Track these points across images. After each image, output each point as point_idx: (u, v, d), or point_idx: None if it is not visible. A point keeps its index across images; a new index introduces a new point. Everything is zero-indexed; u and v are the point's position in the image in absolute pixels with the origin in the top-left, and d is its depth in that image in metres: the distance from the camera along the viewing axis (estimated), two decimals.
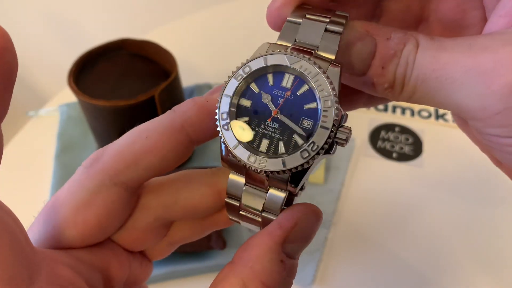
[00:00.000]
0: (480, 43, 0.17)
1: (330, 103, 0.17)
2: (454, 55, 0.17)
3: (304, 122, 0.17)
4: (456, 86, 0.17)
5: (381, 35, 0.18)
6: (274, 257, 0.17)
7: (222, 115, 0.18)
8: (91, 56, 0.56)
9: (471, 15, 0.21)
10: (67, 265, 0.17)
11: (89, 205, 0.18)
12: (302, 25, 0.19)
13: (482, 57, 0.16)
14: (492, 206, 0.52)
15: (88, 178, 0.19)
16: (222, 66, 0.74)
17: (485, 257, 0.48)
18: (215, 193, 0.21)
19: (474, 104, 0.16)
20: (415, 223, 0.51)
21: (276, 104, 0.18)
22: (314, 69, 0.17)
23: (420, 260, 0.48)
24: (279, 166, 0.17)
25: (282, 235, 0.17)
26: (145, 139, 0.19)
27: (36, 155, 0.61)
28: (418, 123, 0.63)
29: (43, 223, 0.19)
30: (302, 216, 0.18)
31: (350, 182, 0.56)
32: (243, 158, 0.18)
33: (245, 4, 0.87)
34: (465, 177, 0.55)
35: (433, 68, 0.17)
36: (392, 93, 0.19)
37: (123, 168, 0.19)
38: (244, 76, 0.18)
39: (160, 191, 0.21)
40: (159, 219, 0.21)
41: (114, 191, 0.19)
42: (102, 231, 0.19)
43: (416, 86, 0.18)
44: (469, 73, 0.16)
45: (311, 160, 0.17)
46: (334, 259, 0.48)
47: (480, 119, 0.17)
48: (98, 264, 0.19)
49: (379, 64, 0.18)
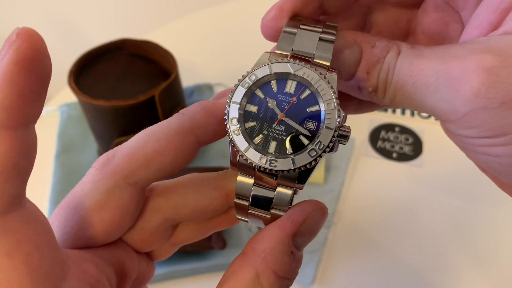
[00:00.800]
0: (452, 51, 0.18)
1: (333, 105, 0.19)
2: (429, 62, 0.18)
3: (308, 124, 0.19)
4: (430, 91, 0.18)
5: (367, 43, 0.20)
6: (286, 249, 0.18)
7: (232, 121, 0.20)
8: (91, 56, 0.56)
9: (453, 28, 0.23)
10: (91, 262, 0.18)
11: (105, 206, 0.19)
12: (298, 35, 0.20)
13: (452, 64, 0.18)
14: (492, 206, 0.52)
15: (102, 179, 0.19)
16: (222, 66, 0.74)
17: (485, 256, 0.48)
18: (222, 196, 0.22)
19: (446, 107, 0.18)
20: (415, 223, 0.51)
21: (281, 108, 0.19)
22: (316, 75, 0.19)
23: (420, 260, 0.48)
24: (289, 166, 0.19)
25: (293, 229, 0.19)
26: (156, 141, 0.20)
27: (36, 155, 0.61)
28: (418, 123, 0.63)
29: (57, 226, 0.19)
30: (312, 212, 0.19)
31: (350, 182, 0.56)
32: (255, 160, 0.19)
33: (245, 4, 0.87)
34: (465, 177, 0.55)
35: (410, 74, 0.19)
36: (376, 97, 0.20)
37: (135, 169, 0.19)
38: (250, 84, 0.20)
39: (169, 194, 0.21)
40: (168, 221, 0.21)
41: (127, 191, 0.19)
42: (117, 231, 0.20)
43: (396, 90, 0.19)
44: (440, 78, 0.18)
45: (318, 158, 0.19)
46: (334, 259, 0.48)
47: (452, 121, 0.18)
48: (114, 261, 0.20)
49: (364, 69, 0.20)
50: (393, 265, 0.48)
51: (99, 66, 0.56)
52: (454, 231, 0.50)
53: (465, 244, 0.49)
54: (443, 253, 0.48)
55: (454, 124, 0.19)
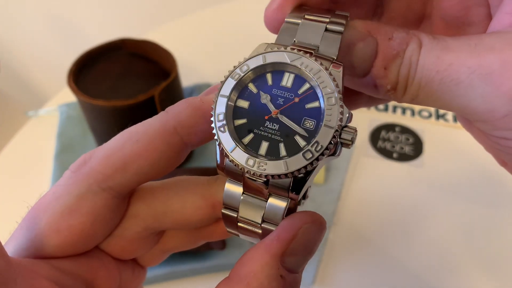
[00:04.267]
0: (486, 43, 0.16)
1: (334, 100, 0.16)
2: (459, 56, 0.16)
3: (306, 123, 0.16)
4: (461, 88, 0.16)
5: (383, 35, 0.18)
6: (272, 272, 0.16)
7: (218, 116, 0.17)
8: (91, 56, 0.56)
9: (475, 12, 0.21)
10: (47, 277, 0.16)
11: (74, 211, 0.17)
12: (301, 25, 0.18)
13: (489, 57, 0.16)
14: (493, 206, 0.52)
15: (74, 182, 0.18)
16: (222, 66, 0.74)
17: (486, 257, 0.48)
18: (209, 206, 0.19)
19: (481, 106, 0.16)
20: (415, 223, 0.51)
21: (276, 104, 0.17)
22: (316, 65, 0.16)
23: (420, 260, 0.48)
24: (280, 169, 0.16)
25: (280, 248, 0.16)
26: (135, 143, 0.18)
27: (36, 155, 0.61)
28: (418, 123, 0.63)
29: (25, 230, 0.18)
30: (303, 226, 0.17)
31: (350, 182, 0.56)
32: (241, 161, 0.16)
33: (245, 4, 0.87)
34: (466, 177, 0.55)
35: (437, 69, 0.16)
36: (394, 95, 0.18)
37: (111, 173, 0.18)
38: (241, 75, 0.17)
39: (150, 199, 0.19)
40: (149, 229, 0.20)
41: (101, 197, 0.18)
42: (88, 239, 0.18)
43: (420, 87, 0.17)
44: (474, 74, 0.16)
45: (315, 162, 0.16)
46: (334, 259, 0.48)
47: (487, 122, 0.16)
48: (83, 275, 0.18)
49: (381, 64, 0.17)
50: (393, 265, 0.47)
51: (98, 66, 0.56)
52: (454, 231, 0.50)
53: (466, 244, 0.49)
54: (443, 253, 0.48)
55: (490, 125, 0.17)
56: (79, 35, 1.16)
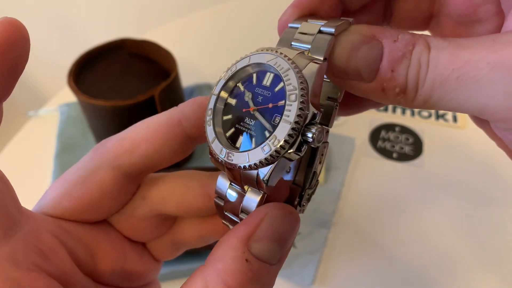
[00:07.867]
0: (504, 38, 0.15)
1: (295, 97, 0.16)
2: (476, 52, 0.15)
3: (276, 119, 0.17)
4: (481, 85, 0.15)
5: (387, 37, 0.17)
6: (237, 255, 0.16)
7: (207, 112, 0.19)
8: (91, 56, 0.56)
9: (483, 9, 0.20)
10: (52, 232, 0.19)
11: (86, 183, 0.20)
12: (299, 28, 0.19)
13: (510, 51, 0.15)
14: (493, 206, 0.52)
15: (90, 159, 0.21)
16: (223, 66, 0.74)
17: (486, 256, 0.48)
18: (205, 194, 0.21)
19: (502, 103, 0.15)
20: (416, 223, 0.51)
21: (255, 101, 0.18)
22: (287, 65, 0.17)
23: (420, 260, 0.48)
24: (244, 160, 0.17)
25: (245, 232, 0.16)
26: (145, 128, 0.20)
27: (36, 155, 0.61)
28: (418, 123, 0.63)
29: (51, 191, 0.21)
30: (269, 212, 0.17)
31: (350, 182, 0.56)
32: (216, 151, 0.18)
33: (245, 4, 0.87)
34: (466, 177, 0.55)
35: (452, 67, 0.16)
36: (404, 99, 0.17)
37: (121, 153, 0.20)
38: (230, 75, 0.19)
39: (158, 184, 0.22)
40: (155, 211, 0.22)
41: (110, 173, 0.20)
42: (96, 210, 0.21)
43: (433, 88, 0.16)
44: (495, 69, 0.15)
45: (274, 154, 0.16)
46: (334, 259, 0.48)
47: (508, 120, 0.16)
48: (86, 241, 0.20)
49: (388, 67, 0.17)
50: (393, 265, 0.47)
51: (98, 66, 0.56)
52: (454, 231, 0.50)
53: (465, 244, 0.49)
54: (443, 253, 0.48)
55: (510, 124, 0.16)
56: (79, 35, 1.16)
